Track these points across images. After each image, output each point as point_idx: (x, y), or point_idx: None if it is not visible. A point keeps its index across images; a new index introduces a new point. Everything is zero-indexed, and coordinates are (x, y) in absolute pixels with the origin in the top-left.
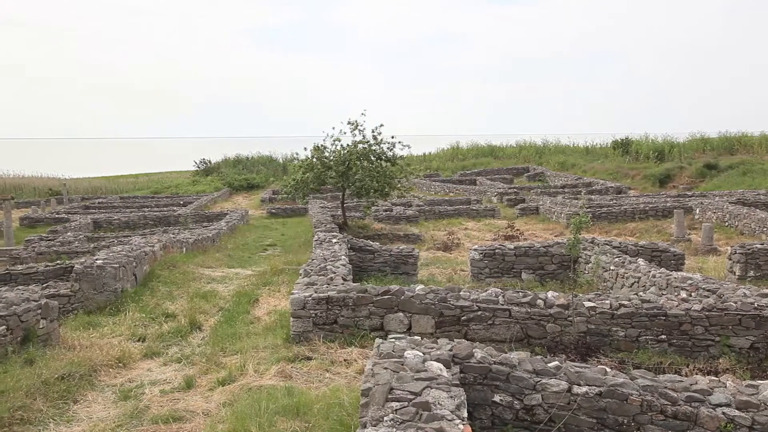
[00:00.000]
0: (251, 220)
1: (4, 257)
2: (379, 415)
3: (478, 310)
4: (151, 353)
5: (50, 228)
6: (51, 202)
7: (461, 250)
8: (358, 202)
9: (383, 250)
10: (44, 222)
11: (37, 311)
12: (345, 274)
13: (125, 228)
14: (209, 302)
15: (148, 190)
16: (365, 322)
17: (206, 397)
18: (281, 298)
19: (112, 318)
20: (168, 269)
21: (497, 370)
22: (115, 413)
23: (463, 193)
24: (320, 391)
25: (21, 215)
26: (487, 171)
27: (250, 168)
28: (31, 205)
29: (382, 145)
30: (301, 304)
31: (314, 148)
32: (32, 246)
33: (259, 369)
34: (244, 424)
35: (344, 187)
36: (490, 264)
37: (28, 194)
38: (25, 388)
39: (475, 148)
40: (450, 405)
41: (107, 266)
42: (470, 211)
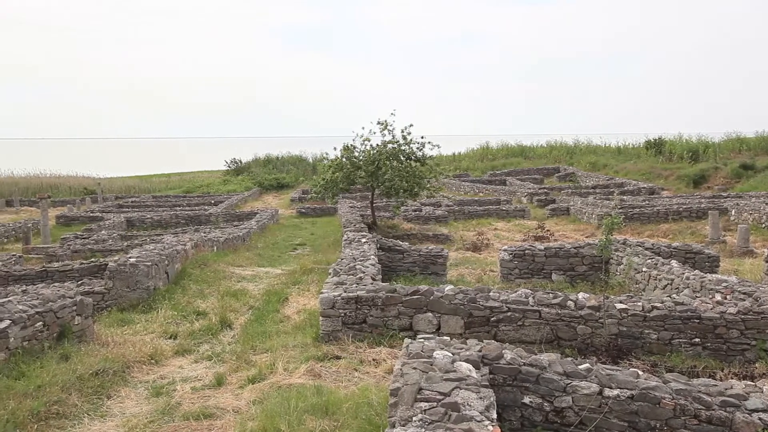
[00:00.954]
0: (281, 220)
1: (41, 254)
2: (408, 415)
3: (507, 311)
4: (183, 351)
5: (85, 226)
6: (86, 201)
7: (491, 250)
8: (387, 202)
9: (412, 250)
10: (79, 220)
11: (73, 308)
12: (374, 273)
13: (158, 227)
14: (239, 301)
15: (180, 190)
16: (394, 322)
17: (236, 395)
18: (311, 297)
19: (145, 315)
20: (199, 268)
21: (527, 371)
22: (147, 409)
23: (492, 193)
24: (349, 390)
25: (57, 214)
26: (517, 171)
27: (280, 168)
28: (67, 204)
29: (411, 144)
30: (331, 303)
31: (344, 148)
32: (68, 244)
33: (288, 367)
34: (274, 422)
35: (373, 187)
36: (519, 265)
37: (64, 193)
38: (61, 383)
39: (505, 148)
40: (479, 406)
41: (140, 264)
42: (500, 211)
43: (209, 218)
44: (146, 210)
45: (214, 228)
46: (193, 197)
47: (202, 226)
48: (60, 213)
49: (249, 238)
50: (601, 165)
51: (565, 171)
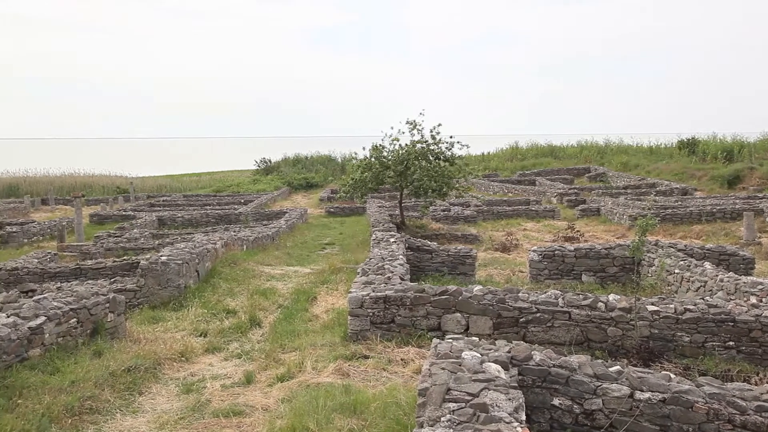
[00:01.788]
0: (310, 219)
1: (75, 252)
2: (436, 416)
3: (536, 311)
4: (213, 348)
5: (117, 225)
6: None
7: (520, 251)
8: (416, 202)
9: (441, 250)
10: (112, 219)
11: (106, 305)
12: (402, 273)
13: (188, 225)
14: (269, 299)
15: (211, 189)
16: (422, 322)
17: (265, 393)
18: (339, 297)
19: (176, 313)
20: (229, 266)
21: (556, 373)
22: (178, 406)
23: (522, 193)
24: (377, 389)
25: (90, 212)
26: (547, 171)
27: (309, 167)
28: (100, 203)
29: (440, 144)
30: (359, 302)
31: (373, 148)
32: (101, 242)
33: (317, 366)
34: (302, 420)
35: (402, 187)
36: (549, 265)
37: (98, 192)
38: (94, 379)
39: (534, 147)
40: (508, 407)
41: (171, 262)
42: (529, 211)
43: (239, 217)
44: (177, 209)
45: (243, 227)
46: (223, 196)
47: (232, 225)
48: (93, 212)
49: (278, 238)
50: (632, 165)
51: (595, 171)
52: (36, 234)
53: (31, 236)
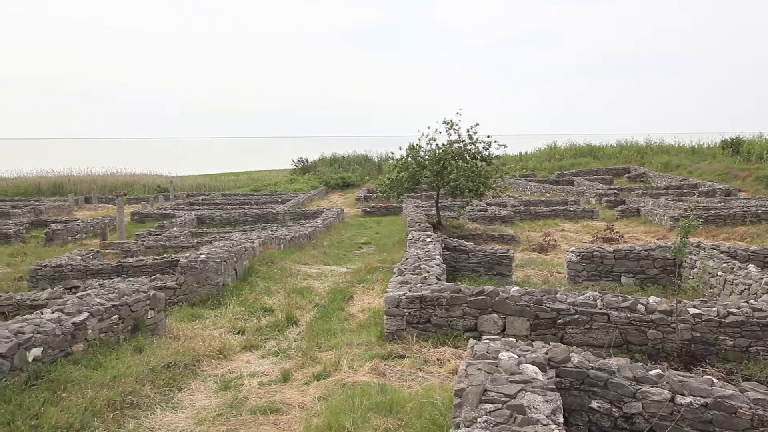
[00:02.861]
0: (346, 219)
1: (116, 250)
2: (473, 416)
3: (575, 313)
4: (250, 346)
5: (158, 223)
6: (159, 198)
7: (557, 251)
8: (452, 202)
9: (477, 250)
10: (152, 217)
11: (146, 302)
12: (439, 273)
13: (226, 224)
14: (305, 298)
15: (249, 188)
16: (459, 322)
17: (302, 391)
18: (375, 296)
19: (214, 311)
20: (266, 265)
21: (595, 375)
22: (216, 402)
23: (560, 193)
24: (413, 389)
25: (132, 211)
26: (586, 171)
27: (346, 167)
28: (141, 201)
29: (477, 144)
30: (395, 302)
31: (409, 148)
32: (141, 240)
33: (353, 365)
34: (339, 419)
35: (439, 187)
36: (587, 267)
37: (138, 191)
38: (135, 375)
39: (573, 147)
40: (545, 409)
41: (210, 261)
42: (567, 212)
43: (276, 216)
44: (216, 208)
45: (281, 226)
46: (261, 196)
47: (269, 224)
48: (134, 210)
49: (315, 237)
50: (674, 165)
51: (635, 171)
52: (79, 232)
53: (74, 234)
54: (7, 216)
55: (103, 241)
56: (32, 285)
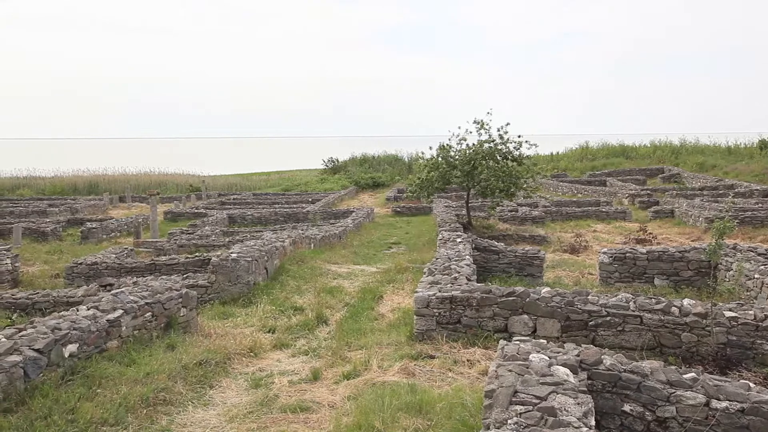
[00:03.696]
0: (376, 218)
1: (150, 248)
2: (503, 418)
3: (607, 315)
4: (281, 344)
5: (190, 222)
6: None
7: (589, 252)
8: (482, 202)
9: (508, 250)
10: (185, 216)
11: (179, 300)
12: (469, 274)
13: (257, 223)
14: (335, 297)
15: (279, 188)
16: (489, 323)
17: (332, 390)
18: (405, 296)
19: (245, 309)
20: (297, 264)
21: (628, 378)
22: (247, 400)
23: (592, 194)
24: (443, 390)
25: (165, 210)
26: (618, 171)
27: (376, 167)
28: (174, 201)
29: (508, 144)
30: (425, 302)
31: (440, 148)
32: (174, 239)
33: (382, 365)
34: (368, 418)
35: (469, 187)
36: (620, 268)
37: (171, 190)
38: (168, 372)
39: (605, 147)
40: (577, 412)
41: (241, 260)
42: (599, 212)
43: (307, 216)
44: (247, 207)
45: (311, 225)
46: (292, 195)
47: (299, 223)
48: (167, 209)
49: (345, 236)
50: (709, 166)
51: (669, 172)
52: (114, 230)
53: (109, 232)
54: (45, 214)
55: (136, 240)
56: (68, 282)
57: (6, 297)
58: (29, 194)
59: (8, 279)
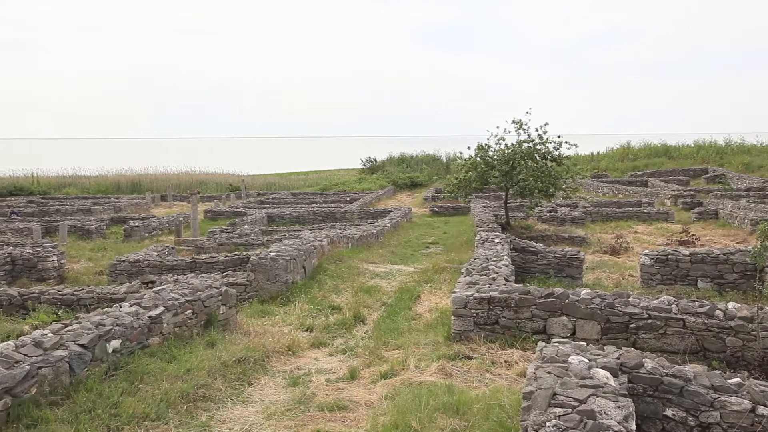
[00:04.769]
0: (414, 218)
1: (190, 246)
2: (541, 420)
3: (648, 318)
4: (318, 343)
5: (229, 221)
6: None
7: (630, 254)
8: (521, 202)
9: (547, 251)
10: (224, 215)
11: (218, 298)
12: (507, 274)
13: (296, 222)
14: (373, 297)
15: (317, 187)
16: (527, 325)
17: (369, 389)
18: (442, 296)
19: (283, 307)
20: (334, 263)
21: (670, 382)
22: (284, 398)
23: (633, 194)
24: (480, 391)
25: (205, 208)
26: (660, 172)
27: (414, 166)
28: (214, 200)
29: (547, 144)
30: (463, 303)
31: (478, 147)
32: (214, 237)
33: (420, 365)
34: (405, 418)
35: (507, 187)
36: (661, 270)
37: (211, 189)
38: (207, 368)
39: (647, 147)
40: (617, 415)
41: (279, 258)
42: (641, 213)
43: (345, 215)
44: (285, 206)
45: (349, 225)
46: (330, 195)
47: (337, 222)
48: (208, 208)
49: (383, 236)
50: (755, 166)
51: (714, 172)
52: (155, 228)
53: (151, 230)
54: (89, 213)
55: (177, 238)
56: (112, 279)
57: (52, 293)
58: (75, 193)
59: (54, 275)
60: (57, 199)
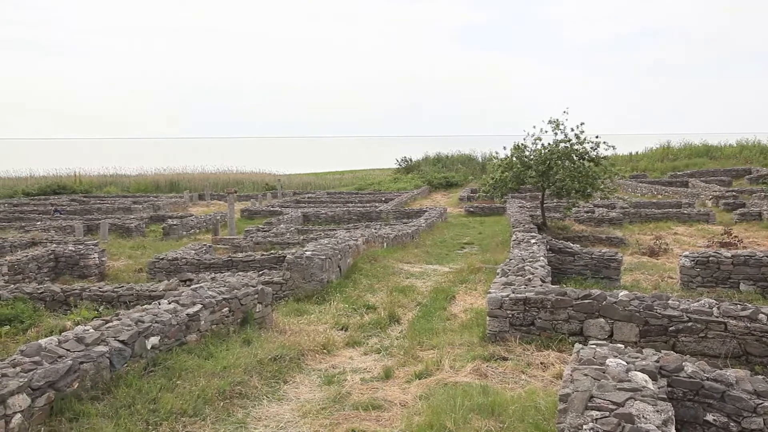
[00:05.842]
0: (449, 218)
1: (227, 245)
2: (578, 423)
3: (688, 320)
4: (353, 342)
5: (266, 220)
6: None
7: (669, 256)
8: (557, 203)
9: (584, 252)
10: (261, 214)
11: (255, 296)
12: (543, 275)
13: (331, 222)
14: (407, 296)
15: (353, 187)
16: (563, 326)
17: (403, 389)
18: (477, 297)
19: (318, 306)
20: (369, 263)
21: (710, 387)
22: (320, 396)
23: (672, 195)
24: (515, 392)
25: (242, 207)
26: (701, 172)
27: (449, 166)
28: (250, 199)
29: (585, 144)
30: (498, 303)
31: (514, 147)
32: (250, 236)
33: (454, 365)
34: (440, 418)
35: (544, 187)
36: (702, 272)
37: (248, 188)
38: (244, 366)
39: (687, 147)
40: (656, 420)
41: (315, 257)
42: (680, 214)
43: (380, 215)
44: (321, 206)
45: (384, 224)
46: (365, 194)
47: (372, 222)
48: (244, 207)
49: (418, 236)
50: None
51: (757, 173)
52: (193, 227)
53: (189, 229)
54: (129, 211)
55: (214, 237)
56: (150, 276)
57: (93, 290)
58: (115, 192)
59: (95, 273)
60: (98, 198)
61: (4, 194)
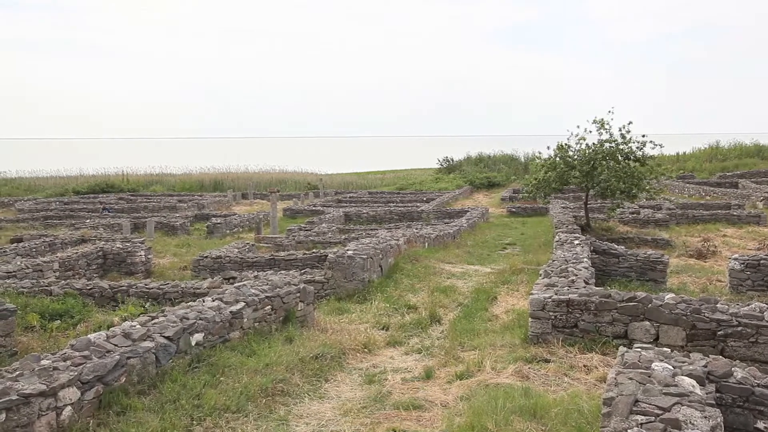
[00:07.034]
0: (491, 218)
1: (270, 244)
2: (622, 427)
3: (737, 325)
4: (394, 342)
5: (308, 219)
6: (309, 195)
7: (718, 258)
8: (602, 204)
9: (628, 254)
10: (303, 213)
11: (297, 294)
12: (587, 277)
13: (372, 221)
14: (449, 297)
15: (394, 186)
16: (607, 329)
17: (444, 390)
18: (519, 298)
19: (359, 306)
20: (410, 263)
21: (761, 393)
22: (360, 395)
23: (721, 196)
24: (558, 395)
25: (284, 207)
26: (752, 173)
27: (491, 166)
28: (292, 198)
29: (630, 144)
30: (541, 305)
31: (558, 147)
32: (293, 235)
33: (496, 367)
34: (481, 419)
35: (588, 188)
36: (753, 276)
37: (290, 188)
38: (286, 364)
39: (737, 147)
40: (703, 426)
41: (357, 257)
42: (730, 216)
43: (421, 215)
44: (362, 205)
45: (425, 224)
46: (406, 194)
47: (414, 222)
48: (286, 206)
49: (459, 236)
50: None
51: None
52: (237, 226)
53: (232, 227)
54: (175, 209)
55: (257, 235)
56: (195, 274)
57: (140, 286)
58: (161, 190)
59: (142, 270)
60: (145, 197)
61: (56, 192)
